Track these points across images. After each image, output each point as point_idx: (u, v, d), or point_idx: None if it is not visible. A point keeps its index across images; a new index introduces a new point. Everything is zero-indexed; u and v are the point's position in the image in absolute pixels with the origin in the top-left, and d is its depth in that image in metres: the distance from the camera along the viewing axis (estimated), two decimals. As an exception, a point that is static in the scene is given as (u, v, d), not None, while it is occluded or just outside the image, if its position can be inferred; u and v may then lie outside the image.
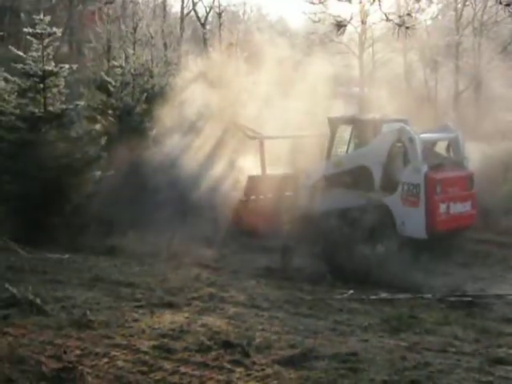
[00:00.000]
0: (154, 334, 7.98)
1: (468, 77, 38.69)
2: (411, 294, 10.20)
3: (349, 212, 13.13)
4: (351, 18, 4.61)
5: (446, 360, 7.42)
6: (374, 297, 9.76)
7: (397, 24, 4.60)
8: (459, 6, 37.17)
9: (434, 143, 14.31)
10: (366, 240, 11.86)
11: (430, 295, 10.08)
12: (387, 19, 4.74)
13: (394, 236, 12.62)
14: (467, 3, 36.85)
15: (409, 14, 4.55)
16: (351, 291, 9.88)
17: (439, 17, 40.77)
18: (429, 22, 38.87)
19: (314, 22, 30.68)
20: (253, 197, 14.98)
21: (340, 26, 4.57)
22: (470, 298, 9.89)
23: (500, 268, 12.44)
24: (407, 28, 4.57)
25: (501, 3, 3.70)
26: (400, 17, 4.83)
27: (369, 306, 9.48)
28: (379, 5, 4.51)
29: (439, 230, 12.95)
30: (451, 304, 9.70)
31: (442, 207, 13.04)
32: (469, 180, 13.73)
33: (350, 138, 14.48)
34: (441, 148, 14.34)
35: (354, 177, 13.98)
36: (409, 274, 10.99)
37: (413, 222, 12.94)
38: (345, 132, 14.54)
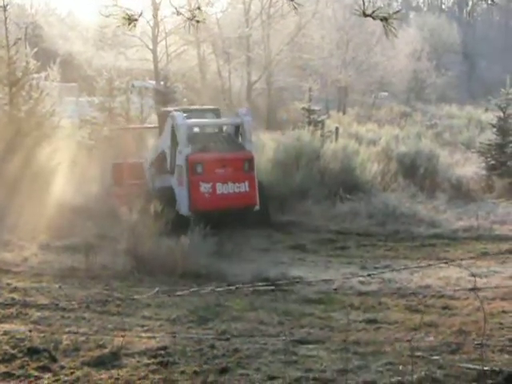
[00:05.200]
0: (-48, 348, 7.54)
1: (259, 67, 39.94)
2: (217, 282, 10.35)
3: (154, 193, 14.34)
4: (141, 13, 4.59)
5: (253, 345, 7.65)
6: (180, 292, 9.74)
7: (188, 18, 4.65)
8: (247, -1, 38.20)
9: (219, 127, 15.47)
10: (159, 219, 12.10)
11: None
12: (178, 13, 4.78)
13: (176, 215, 13.20)
14: (254, -3, 37.91)
15: (198, 8, 4.61)
16: (157, 288, 9.85)
17: (229, 10, 41.66)
18: (220, 15, 39.67)
19: (106, 16, 30.21)
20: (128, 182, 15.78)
21: (131, 20, 4.53)
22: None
23: (299, 251, 12.93)
24: (198, 22, 4.63)
25: (288, -3, 3.85)
26: (190, 11, 4.87)
27: (177, 298, 9.52)
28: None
29: (202, 208, 13.68)
30: (255, 290, 9.95)
31: (205, 187, 13.74)
32: (246, 162, 14.26)
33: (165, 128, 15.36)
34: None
35: (160, 161, 15.17)
36: (214, 263, 11.17)
37: (182, 201, 13.88)
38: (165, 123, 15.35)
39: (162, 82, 25.99)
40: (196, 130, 15.04)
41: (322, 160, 17.39)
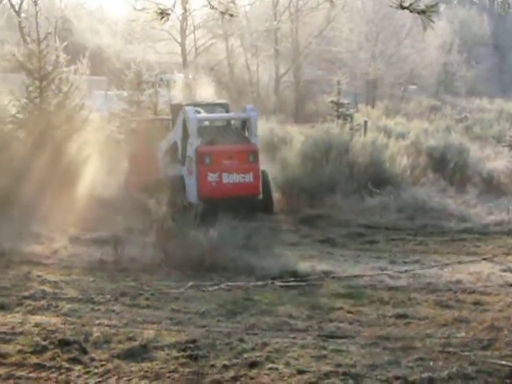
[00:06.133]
0: (-15, 339, 7.63)
1: (288, 60, 39.85)
2: (245, 275, 10.34)
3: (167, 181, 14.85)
4: (174, 5, 4.59)
5: (282, 339, 7.64)
6: (211, 288, 9.74)
7: (221, 12, 4.63)
8: (276, -8, 38.09)
9: (227, 122, 16.25)
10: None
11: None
12: (211, 7, 4.77)
13: (186, 202, 13.59)
14: (283, -11, 37.80)
15: (232, 2, 4.59)
16: (191, 283, 9.87)
17: (257, 3, 41.63)
18: (247, 8, 39.67)
19: (137, 10, 30.33)
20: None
21: (163, 14, 4.52)
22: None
23: (328, 245, 12.88)
24: (231, 15, 4.62)
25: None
26: (221, 3, 4.86)
27: (205, 291, 9.54)
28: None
29: (209, 196, 14.54)
30: (284, 284, 9.93)
31: (212, 176, 14.67)
32: (251, 154, 15.13)
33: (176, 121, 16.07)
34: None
35: (173, 151, 15.96)
36: (242, 256, 11.15)
37: (191, 189, 14.83)
38: (177, 116, 15.98)
39: (190, 76, 26.04)
40: (206, 123, 15.94)
41: (350, 153, 17.28)
